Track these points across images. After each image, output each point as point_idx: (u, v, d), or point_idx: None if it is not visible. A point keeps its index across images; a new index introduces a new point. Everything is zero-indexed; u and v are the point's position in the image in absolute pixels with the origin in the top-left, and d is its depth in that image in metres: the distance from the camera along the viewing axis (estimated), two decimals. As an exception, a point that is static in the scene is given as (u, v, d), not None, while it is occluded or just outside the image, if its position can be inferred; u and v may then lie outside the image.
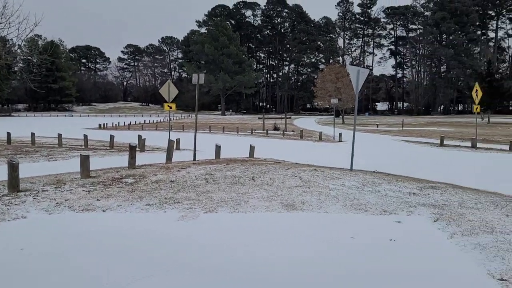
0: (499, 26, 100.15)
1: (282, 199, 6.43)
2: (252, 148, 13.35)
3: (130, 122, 55.76)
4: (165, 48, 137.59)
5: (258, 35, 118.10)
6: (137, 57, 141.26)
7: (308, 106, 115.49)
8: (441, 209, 6.05)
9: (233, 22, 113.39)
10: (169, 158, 11.62)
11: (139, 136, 19.43)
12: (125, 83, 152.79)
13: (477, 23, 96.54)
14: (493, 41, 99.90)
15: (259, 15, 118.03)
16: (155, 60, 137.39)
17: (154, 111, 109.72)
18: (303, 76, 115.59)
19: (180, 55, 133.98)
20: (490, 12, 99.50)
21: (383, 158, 15.92)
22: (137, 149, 12.61)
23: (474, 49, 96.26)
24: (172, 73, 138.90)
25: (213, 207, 5.97)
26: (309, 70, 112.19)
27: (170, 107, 16.29)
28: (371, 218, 5.59)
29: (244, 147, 14.55)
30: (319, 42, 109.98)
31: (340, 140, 23.84)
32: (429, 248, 4.44)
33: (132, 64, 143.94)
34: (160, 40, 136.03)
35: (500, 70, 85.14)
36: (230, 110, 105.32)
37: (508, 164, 14.38)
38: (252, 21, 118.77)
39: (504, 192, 7.95)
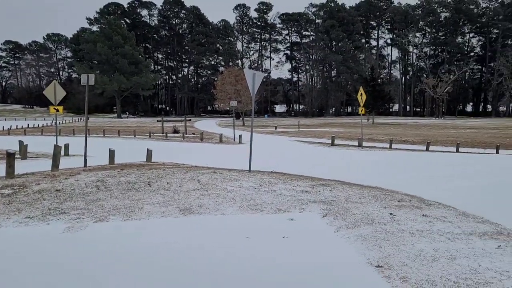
0: (380, 36, 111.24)
1: (179, 204, 6.31)
2: (149, 152, 12.92)
3: (11, 126, 50.32)
4: (51, 46, 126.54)
5: (155, 35, 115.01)
6: (17, 55, 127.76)
7: (209, 108, 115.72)
8: (330, 205, 6.47)
9: (128, 21, 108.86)
10: (55, 165, 10.69)
11: (20, 142, 17.59)
12: (3, 83, 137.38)
13: (362, 32, 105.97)
14: (375, 49, 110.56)
15: (155, 15, 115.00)
16: (39, 58, 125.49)
17: (40, 114, 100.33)
18: (203, 78, 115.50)
19: (69, 54, 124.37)
20: (372, 22, 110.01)
21: (281, 158, 16.58)
22: (18, 156, 11.39)
23: (360, 55, 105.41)
24: (61, 73, 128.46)
25: (104, 216, 5.62)
26: (209, 72, 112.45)
27: (57, 110, 15.02)
28: (266, 217, 5.76)
29: (141, 151, 14.03)
30: (218, 45, 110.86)
31: (240, 142, 24.28)
32: (317, 242, 4.71)
33: (12, 62, 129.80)
34: (45, 37, 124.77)
35: (381, 76, 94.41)
36: (127, 113, 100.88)
37: (387, 160, 15.97)
38: (148, 21, 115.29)
39: (383, 187, 8.79)
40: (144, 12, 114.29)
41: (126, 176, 8.57)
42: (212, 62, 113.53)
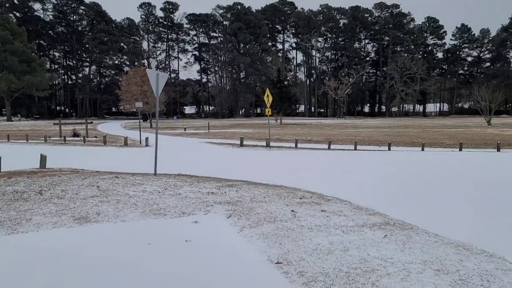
0: (285, 39, 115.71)
1: (74, 212, 5.87)
2: (43, 158, 11.86)
3: None
4: None
5: (50, 31, 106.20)
6: None
7: (114, 110, 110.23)
8: (235, 206, 6.53)
9: (18, 15, 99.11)
10: None
11: None
12: None
13: (268, 35, 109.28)
14: (281, 52, 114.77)
15: (50, 10, 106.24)
16: None
17: None
18: (107, 78, 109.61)
19: None
20: (278, 26, 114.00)
21: (190, 160, 16.35)
22: None
23: (267, 58, 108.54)
24: None
25: (-16, 232, 5.01)
26: (113, 72, 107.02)
27: None
28: (170, 222, 5.61)
29: (35, 157, 12.83)
30: (122, 44, 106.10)
31: (147, 145, 23.48)
32: (220, 243, 4.71)
33: None
34: None
35: (288, 78, 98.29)
36: (19, 115, 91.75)
37: (292, 159, 16.62)
38: (42, 16, 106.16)
39: (288, 185, 9.11)
40: (37, 6, 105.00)
41: (13, 185, 7.76)
42: (116, 62, 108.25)
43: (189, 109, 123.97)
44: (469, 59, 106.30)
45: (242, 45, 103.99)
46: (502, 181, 9.86)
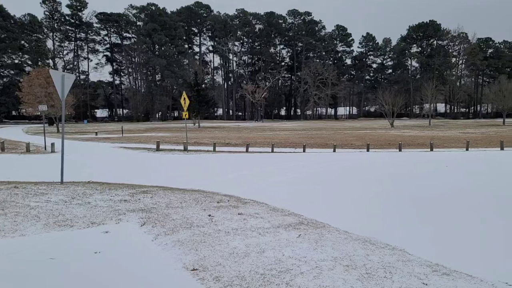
0: (202, 42, 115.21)
1: (-37, 230, 5.20)
2: None
3: None
4: None
5: None
6: None
7: (15, 113, 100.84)
8: (149, 213, 6.28)
9: None
10: None
11: None
12: None
13: (184, 38, 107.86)
14: (198, 55, 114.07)
15: None
16: None
17: None
18: (5, 79, 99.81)
19: None
20: (194, 29, 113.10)
21: (101, 166, 15.46)
22: None
23: (184, 60, 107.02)
24: None
25: None
26: (12, 72, 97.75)
27: None
28: (77, 233, 5.22)
29: None
30: (23, 42, 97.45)
31: (52, 151, 21.77)
32: (133, 253, 4.48)
33: None
34: None
35: (205, 81, 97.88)
36: None
37: (211, 162, 16.53)
38: None
39: (205, 189, 9.01)
40: None
41: None
42: (16, 61, 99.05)
43: (101, 113, 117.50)
44: (374, 65, 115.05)
45: (157, 46, 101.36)
46: (404, 178, 10.74)
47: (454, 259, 4.15)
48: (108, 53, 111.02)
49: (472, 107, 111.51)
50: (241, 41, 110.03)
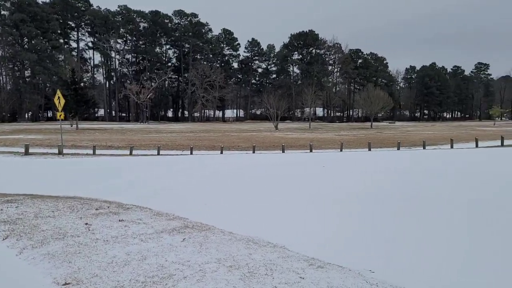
0: (80, 38, 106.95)
1: None
2: None
3: None
4: None
5: None
6: None
7: None
8: (14, 224, 5.58)
9: None
10: None
11: None
12: None
13: (59, 31, 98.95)
14: (76, 51, 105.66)
15: None
16: None
17: None
18: None
19: None
20: (71, 22, 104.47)
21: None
22: None
23: (59, 56, 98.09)
24: None
25: None
26: None
27: None
28: None
29: None
30: None
31: None
32: (-8, 273, 3.93)
33: None
34: None
35: (84, 79, 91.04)
36: None
37: (90, 167, 15.41)
38: None
39: (83, 195, 8.35)
40: None
41: None
42: None
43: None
44: (260, 70, 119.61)
45: (26, 39, 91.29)
46: (288, 177, 11.32)
47: (328, 253, 4.48)
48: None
49: (346, 112, 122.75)
50: (124, 38, 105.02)
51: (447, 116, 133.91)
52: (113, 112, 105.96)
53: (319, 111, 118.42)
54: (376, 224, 5.85)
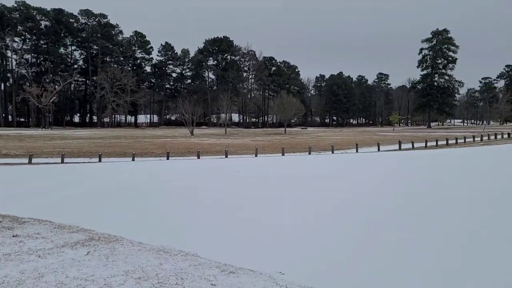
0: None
1: None
2: None
3: None
4: None
5: None
6: None
7: None
8: None
9: None
10: None
11: None
12: None
13: None
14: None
15: None
16: None
17: None
18: None
19: None
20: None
21: None
22: None
23: None
24: None
25: None
26: None
27: None
28: None
29: None
30: None
31: None
32: None
33: None
34: None
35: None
36: None
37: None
38: None
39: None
40: None
41: None
42: None
43: None
44: (174, 75, 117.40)
45: None
46: (202, 184, 11.19)
47: (241, 258, 4.48)
48: None
49: (261, 117, 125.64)
50: (23, 37, 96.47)
51: (353, 122, 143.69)
52: (10, 116, 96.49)
53: (235, 117, 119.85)
54: (286, 226, 6.01)
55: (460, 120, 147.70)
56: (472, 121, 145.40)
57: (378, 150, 28.86)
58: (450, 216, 6.48)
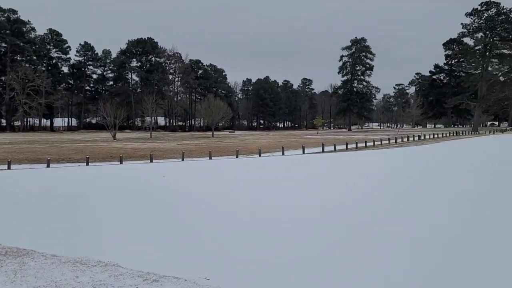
0: None
1: None
2: None
3: None
4: None
5: None
6: None
7: None
8: None
9: None
10: None
11: None
12: None
13: None
14: None
15: None
16: None
17: None
18: None
19: None
20: None
21: None
22: None
23: None
24: None
25: None
26: None
27: None
28: None
29: None
30: None
31: None
32: None
33: None
34: None
35: None
36: None
37: None
38: None
39: None
40: None
41: None
42: None
43: None
44: (95, 76, 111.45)
45: None
46: (130, 189, 10.69)
47: (165, 265, 4.32)
48: None
49: (188, 121, 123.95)
50: None
51: (280, 126, 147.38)
52: None
53: (161, 120, 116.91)
54: (211, 231, 5.94)
55: (377, 124, 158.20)
56: (388, 124, 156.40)
57: (303, 152, 29.85)
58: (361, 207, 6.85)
